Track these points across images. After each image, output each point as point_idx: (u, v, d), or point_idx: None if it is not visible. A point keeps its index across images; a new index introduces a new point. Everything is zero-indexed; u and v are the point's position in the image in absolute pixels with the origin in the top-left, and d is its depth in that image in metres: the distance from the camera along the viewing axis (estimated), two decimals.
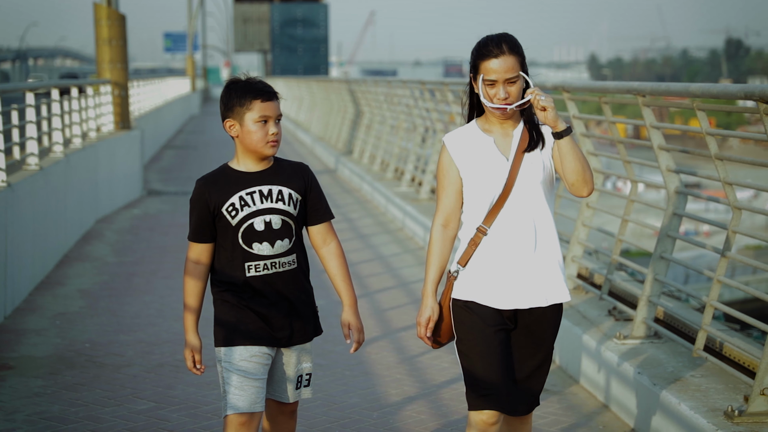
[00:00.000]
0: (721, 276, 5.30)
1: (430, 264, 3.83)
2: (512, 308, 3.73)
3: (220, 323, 3.78)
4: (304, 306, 3.83)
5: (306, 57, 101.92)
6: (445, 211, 3.81)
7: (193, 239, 3.80)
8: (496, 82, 3.63)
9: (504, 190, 3.69)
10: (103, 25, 16.00)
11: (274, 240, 3.73)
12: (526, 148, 3.71)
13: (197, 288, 3.81)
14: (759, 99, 4.56)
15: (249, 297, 3.74)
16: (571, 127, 3.62)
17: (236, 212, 3.73)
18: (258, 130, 3.71)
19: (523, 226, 3.70)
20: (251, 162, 3.78)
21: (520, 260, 3.71)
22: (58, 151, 11.31)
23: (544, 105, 3.55)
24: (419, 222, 11.47)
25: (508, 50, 3.63)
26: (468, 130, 3.79)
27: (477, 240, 3.73)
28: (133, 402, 5.74)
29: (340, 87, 23.25)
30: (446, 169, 3.79)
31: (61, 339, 7.14)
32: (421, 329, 3.87)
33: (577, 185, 3.64)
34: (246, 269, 3.73)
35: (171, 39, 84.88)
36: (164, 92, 32.31)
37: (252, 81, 3.76)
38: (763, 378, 4.61)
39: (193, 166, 20.91)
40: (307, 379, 3.89)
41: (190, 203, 3.81)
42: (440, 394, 5.90)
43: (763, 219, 44.75)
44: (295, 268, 3.79)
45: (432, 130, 13.79)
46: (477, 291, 3.73)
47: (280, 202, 3.76)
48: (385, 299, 8.40)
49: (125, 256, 10.59)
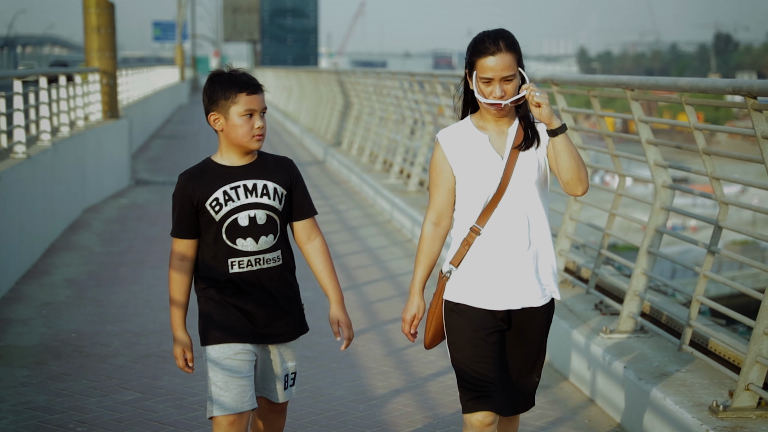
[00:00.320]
0: (708, 271, 5.31)
1: (419, 262, 3.80)
2: (505, 309, 3.70)
3: (204, 321, 3.73)
4: (289, 303, 3.77)
5: (295, 47, 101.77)
6: (437, 208, 3.76)
7: (176, 235, 3.73)
8: (492, 80, 3.57)
9: (498, 189, 3.63)
10: (92, 13, 15.93)
11: (258, 236, 3.67)
12: (521, 146, 3.65)
13: (183, 284, 3.73)
14: (747, 94, 4.57)
15: (233, 293, 3.68)
16: (566, 125, 3.57)
17: (220, 207, 3.66)
18: (244, 124, 3.64)
19: (517, 225, 3.65)
20: (235, 156, 3.71)
21: (513, 260, 3.66)
22: (45, 140, 11.27)
23: (539, 101, 3.50)
24: (407, 214, 11.47)
25: (505, 47, 3.57)
26: (462, 127, 3.73)
27: (470, 240, 3.67)
28: (119, 392, 5.73)
29: (329, 78, 23.21)
30: (440, 167, 3.73)
31: (47, 329, 7.12)
32: (405, 326, 3.85)
33: (571, 184, 3.60)
34: (229, 265, 3.67)
35: (160, 28, 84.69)
36: (153, 81, 32.21)
37: (236, 73, 3.69)
38: (747, 373, 4.62)
39: (181, 155, 20.85)
40: (293, 378, 3.83)
41: (173, 198, 3.74)
42: (427, 387, 5.90)
43: (749, 214, 44.88)
44: (280, 265, 3.73)
45: (421, 122, 13.79)
46: (469, 293, 3.70)
47: (265, 197, 3.69)
48: (373, 291, 8.40)
49: (112, 246, 10.56)
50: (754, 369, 4.62)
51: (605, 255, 6.71)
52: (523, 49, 3.68)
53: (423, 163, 13.17)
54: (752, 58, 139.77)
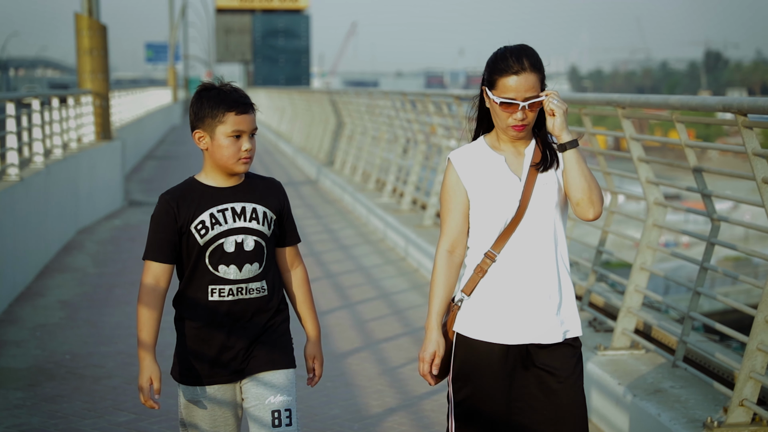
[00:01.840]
0: (701, 287, 5.34)
1: (434, 294, 3.44)
2: (521, 343, 3.36)
3: (179, 354, 3.45)
4: (275, 336, 3.46)
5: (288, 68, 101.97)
6: (451, 235, 3.45)
7: (152, 258, 3.37)
8: (513, 101, 3.29)
9: (517, 212, 3.36)
10: (85, 35, 15.97)
11: (243, 263, 3.38)
12: (540, 167, 3.39)
13: (154, 321, 3.38)
14: (737, 111, 4.60)
15: (210, 323, 3.38)
16: (577, 141, 3.34)
17: (206, 231, 3.36)
18: (230, 146, 3.35)
19: (535, 251, 3.37)
20: (221, 177, 3.42)
21: (531, 289, 3.36)
22: (38, 162, 11.27)
23: (552, 108, 3.28)
24: (400, 233, 11.48)
25: (529, 67, 3.29)
26: (476, 148, 3.46)
27: (484, 266, 3.38)
28: (114, 414, 5.72)
29: (321, 98, 23.26)
30: (452, 190, 3.44)
31: (41, 350, 7.10)
32: (424, 366, 3.43)
33: (582, 205, 3.33)
34: (209, 292, 3.38)
35: (152, 49, 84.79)
36: (145, 103, 32.25)
37: (226, 89, 3.39)
38: (741, 389, 4.63)
39: (174, 176, 20.84)
40: (287, 416, 3.41)
41: (152, 219, 3.40)
42: (421, 405, 5.90)
43: (741, 230, 44.97)
44: (266, 296, 3.44)
45: (413, 141, 13.83)
46: (482, 325, 3.38)
47: (254, 222, 3.41)
48: (367, 310, 8.40)
49: (106, 267, 10.55)
50: (748, 385, 4.63)
51: (598, 272, 6.73)
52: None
53: (416, 181, 13.20)
54: (742, 75, 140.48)
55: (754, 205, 4.85)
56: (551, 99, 3.29)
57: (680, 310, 5.65)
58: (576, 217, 3.33)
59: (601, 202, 3.36)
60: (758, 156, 4.62)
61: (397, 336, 7.53)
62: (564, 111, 3.29)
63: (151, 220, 3.40)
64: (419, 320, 8.00)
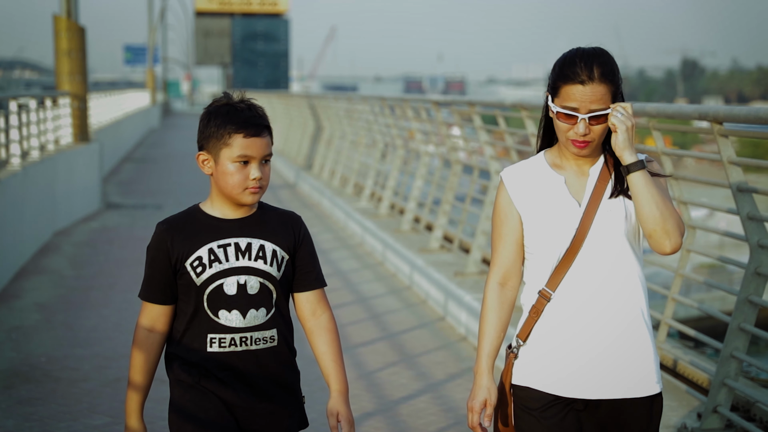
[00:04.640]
0: (676, 294, 5.38)
1: (484, 333, 3.00)
2: (582, 398, 2.91)
3: (175, 409, 2.99)
4: (284, 393, 3.04)
5: (267, 71, 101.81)
6: (503, 265, 3.01)
7: (146, 298, 3.00)
8: (576, 112, 2.86)
9: (573, 243, 2.90)
10: (63, 36, 15.90)
11: (247, 309, 2.94)
12: (606, 191, 2.93)
13: (148, 363, 3.00)
14: (713, 120, 4.65)
15: (209, 377, 2.94)
16: (643, 161, 2.86)
17: (202, 269, 2.93)
18: (235, 173, 2.91)
19: (597, 290, 2.90)
20: (228, 207, 2.98)
21: (592, 335, 2.90)
22: (15, 164, 11.22)
23: (615, 123, 2.84)
24: (378, 237, 11.50)
25: (599, 76, 2.85)
26: (533, 165, 3.01)
27: (539, 307, 2.93)
28: (89, 417, 5.70)
29: (300, 102, 23.27)
30: (504, 213, 3.00)
31: (16, 353, 7.07)
32: (474, 416, 2.97)
33: (656, 237, 2.86)
34: (208, 342, 2.94)
35: (131, 51, 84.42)
36: (124, 105, 32.13)
37: (237, 106, 2.93)
38: (715, 396, 4.67)
39: (152, 179, 20.80)
40: None
41: (147, 252, 3.00)
42: (398, 410, 5.91)
43: (716, 238, 45.20)
44: (275, 347, 2.99)
45: (392, 146, 13.87)
46: (540, 375, 2.93)
47: (260, 261, 2.96)
48: (344, 314, 8.41)
49: (83, 270, 10.51)
50: (722, 391, 4.67)
51: None
52: (493, 73, 3.26)
53: (394, 186, 13.24)
54: (719, 84, 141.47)
55: (729, 213, 4.91)
56: (615, 113, 2.85)
57: (655, 316, 5.69)
58: (653, 249, 2.94)
59: (679, 233, 2.87)
60: (733, 164, 4.67)
61: (373, 341, 7.54)
62: (628, 127, 2.84)
63: (146, 253, 3.01)
64: (396, 325, 8.01)
